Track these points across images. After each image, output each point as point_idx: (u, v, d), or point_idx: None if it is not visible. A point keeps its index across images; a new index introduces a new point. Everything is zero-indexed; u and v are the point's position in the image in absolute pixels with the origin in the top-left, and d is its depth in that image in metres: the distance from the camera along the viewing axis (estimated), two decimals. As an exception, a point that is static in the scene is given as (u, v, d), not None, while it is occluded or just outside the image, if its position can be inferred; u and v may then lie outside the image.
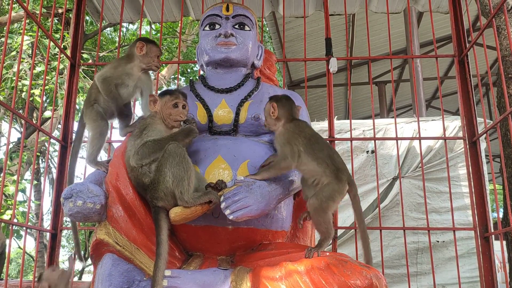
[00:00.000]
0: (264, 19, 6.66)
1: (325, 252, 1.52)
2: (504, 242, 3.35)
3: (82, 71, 7.28)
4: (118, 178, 1.68)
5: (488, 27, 2.53)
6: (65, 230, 2.73)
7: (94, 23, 7.28)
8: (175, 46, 11.70)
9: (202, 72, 2.24)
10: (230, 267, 1.60)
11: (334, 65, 2.81)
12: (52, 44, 2.85)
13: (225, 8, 2.10)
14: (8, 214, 5.57)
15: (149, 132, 1.64)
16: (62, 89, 6.26)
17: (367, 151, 4.81)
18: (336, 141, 2.83)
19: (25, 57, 6.84)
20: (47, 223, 12.00)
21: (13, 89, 6.35)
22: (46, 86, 6.41)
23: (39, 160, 9.69)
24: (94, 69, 3.17)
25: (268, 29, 7.24)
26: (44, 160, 10.15)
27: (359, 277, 1.36)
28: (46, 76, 2.53)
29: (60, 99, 6.43)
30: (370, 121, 5.00)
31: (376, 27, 7.57)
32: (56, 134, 8.86)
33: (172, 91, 1.74)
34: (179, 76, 8.95)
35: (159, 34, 3.19)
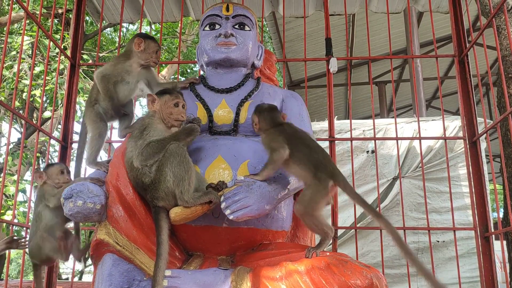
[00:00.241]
0: (264, 19, 6.66)
1: (325, 252, 1.52)
2: (505, 242, 3.35)
3: (82, 71, 7.29)
4: (118, 178, 1.68)
5: (488, 27, 2.53)
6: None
7: (94, 23, 7.28)
8: (175, 46, 11.70)
9: (202, 72, 2.24)
10: (230, 267, 1.60)
11: (334, 65, 2.81)
12: (52, 44, 2.86)
13: (225, 8, 2.10)
14: (8, 215, 5.57)
15: (150, 132, 1.64)
16: (62, 89, 6.26)
17: (367, 151, 4.81)
18: (336, 141, 2.83)
19: (25, 57, 6.84)
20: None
21: (13, 89, 6.35)
22: (46, 87, 6.40)
23: (39, 160, 9.69)
24: (94, 69, 3.17)
25: (268, 29, 7.24)
26: (44, 160, 10.16)
27: (359, 277, 1.36)
28: (46, 77, 2.53)
29: (60, 99, 6.43)
30: (370, 121, 5.00)
31: (376, 27, 7.57)
32: (56, 134, 8.86)
33: (171, 90, 1.73)
34: (179, 76, 8.95)
35: (159, 34, 3.19)
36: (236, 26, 2.07)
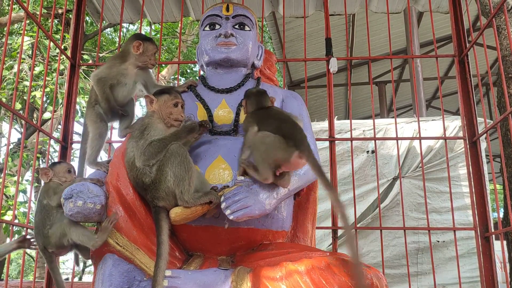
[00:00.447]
0: (264, 19, 6.66)
1: (325, 252, 1.52)
2: (505, 242, 3.35)
3: (82, 71, 7.29)
4: (118, 178, 1.68)
5: (488, 27, 2.53)
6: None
7: (94, 23, 7.29)
8: (175, 46, 11.71)
9: (202, 72, 2.24)
10: (230, 267, 1.60)
11: (334, 65, 2.82)
12: (52, 44, 2.86)
13: (225, 8, 2.10)
14: (9, 215, 5.57)
15: (151, 132, 1.63)
16: (62, 89, 6.26)
17: (368, 151, 4.82)
18: (336, 141, 2.83)
19: (25, 57, 6.84)
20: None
21: (13, 90, 6.35)
22: (46, 88, 6.40)
23: (39, 160, 9.69)
24: (94, 69, 3.17)
25: (268, 29, 7.24)
26: (44, 160, 10.15)
27: (359, 277, 1.36)
28: (46, 77, 2.53)
29: (60, 99, 6.43)
30: (370, 121, 5.00)
31: (376, 27, 7.58)
32: (56, 135, 8.87)
33: (169, 90, 1.73)
34: (179, 76, 8.95)
35: (159, 35, 3.19)
36: (236, 26, 2.07)
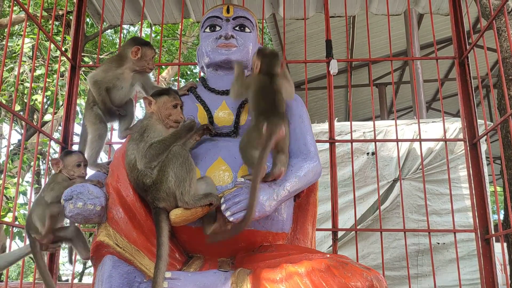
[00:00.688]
0: (264, 21, 6.66)
1: (325, 254, 1.51)
2: (505, 244, 3.34)
3: (82, 73, 7.29)
4: (118, 179, 1.68)
5: (488, 29, 2.53)
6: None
7: (95, 25, 7.29)
8: (176, 48, 11.73)
9: (202, 74, 2.24)
10: (230, 269, 1.60)
11: (334, 67, 2.82)
12: (53, 46, 2.86)
13: (225, 10, 2.10)
14: (9, 217, 5.57)
15: (150, 134, 1.63)
16: (63, 91, 6.27)
17: (368, 153, 4.81)
18: (336, 143, 2.83)
19: (26, 59, 6.84)
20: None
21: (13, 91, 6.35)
22: (47, 90, 6.40)
23: (39, 162, 9.69)
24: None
25: (268, 31, 7.25)
26: (44, 162, 10.15)
27: (359, 279, 1.35)
28: (47, 79, 2.53)
29: (61, 101, 6.44)
30: (371, 123, 5.00)
31: (376, 29, 7.58)
32: (57, 136, 8.87)
33: (168, 91, 1.72)
34: (180, 78, 8.96)
35: (160, 36, 3.20)
36: (237, 28, 2.07)
